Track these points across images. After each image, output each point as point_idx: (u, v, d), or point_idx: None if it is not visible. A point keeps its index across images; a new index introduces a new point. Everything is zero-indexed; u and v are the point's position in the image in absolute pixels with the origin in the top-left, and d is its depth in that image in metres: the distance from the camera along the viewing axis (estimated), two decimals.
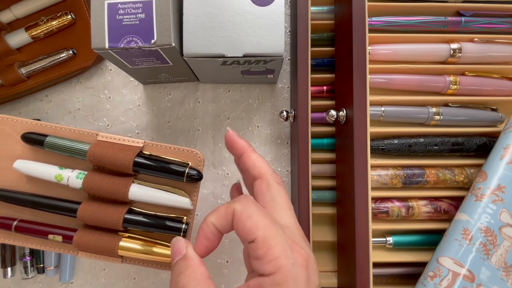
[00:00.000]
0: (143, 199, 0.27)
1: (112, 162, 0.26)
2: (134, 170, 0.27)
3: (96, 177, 0.27)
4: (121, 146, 0.27)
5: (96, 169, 0.28)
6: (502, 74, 0.34)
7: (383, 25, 0.33)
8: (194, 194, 0.28)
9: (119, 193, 0.27)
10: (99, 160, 0.27)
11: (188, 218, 0.28)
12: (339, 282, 0.32)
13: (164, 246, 0.27)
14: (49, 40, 0.38)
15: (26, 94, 0.39)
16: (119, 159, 0.26)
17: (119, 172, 0.27)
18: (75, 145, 0.27)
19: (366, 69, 0.27)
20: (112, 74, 0.40)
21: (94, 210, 0.26)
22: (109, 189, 0.26)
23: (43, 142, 0.27)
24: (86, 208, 0.27)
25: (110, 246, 0.27)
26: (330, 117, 0.30)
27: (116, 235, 0.27)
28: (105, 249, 0.27)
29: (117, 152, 0.27)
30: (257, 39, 0.28)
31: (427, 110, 0.33)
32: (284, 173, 0.39)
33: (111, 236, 0.27)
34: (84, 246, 0.27)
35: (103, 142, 0.27)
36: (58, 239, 0.27)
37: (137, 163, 0.27)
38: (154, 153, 0.28)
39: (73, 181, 0.27)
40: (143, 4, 0.27)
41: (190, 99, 0.39)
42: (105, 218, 0.26)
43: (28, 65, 0.37)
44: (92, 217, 0.26)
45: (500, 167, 0.28)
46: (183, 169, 0.27)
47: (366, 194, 0.27)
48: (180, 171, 0.27)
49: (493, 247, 0.27)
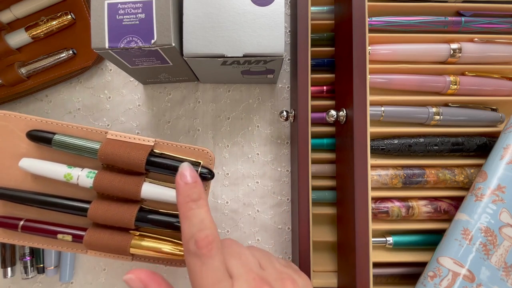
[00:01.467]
0: (154, 198, 0.27)
1: (124, 160, 0.26)
2: (146, 168, 0.27)
3: (107, 175, 0.27)
4: (132, 144, 0.27)
5: (106, 167, 0.28)
6: (502, 74, 0.34)
7: (383, 25, 0.33)
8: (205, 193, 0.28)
9: (131, 191, 0.26)
10: (110, 159, 0.26)
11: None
12: (339, 282, 0.32)
13: (175, 243, 0.27)
14: (49, 40, 0.38)
15: (26, 94, 0.39)
16: (131, 157, 0.26)
17: (130, 170, 0.27)
18: (86, 143, 0.27)
19: (366, 69, 0.27)
20: (112, 74, 0.40)
21: (106, 209, 0.26)
22: (121, 187, 0.26)
23: (51, 140, 0.27)
24: (97, 207, 0.26)
25: (122, 245, 0.27)
26: (330, 117, 0.30)
27: (127, 233, 0.27)
28: (117, 247, 0.27)
29: (129, 150, 0.26)
30: (257, 39, 0.28)
31: (427, 110, 0.33)
32: (284, 173, 0.39)
33: (123, 235, 0.27)
34: (95, 245, 0.27)
35: (114, 141, 0.27)
36: (68, 238, 0.27)
37: (149, 161, 0.27)
38: (165, 152, 0.28)
39: (83, 180, 0.27)
40: (143, 4, 0.27)
41: (190, 99, 0.39)
42: (117, 217, 0.26)
43: (28, 65, 0.37)
44: (103, 216, 0.26)
45: (500, 167, 0.28)
46: (195, 168, 0.27)
47: (366, 194, 0.27)
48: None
49: (493, 247, 0.27)
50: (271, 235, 0.38)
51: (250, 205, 0.38)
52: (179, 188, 0.22)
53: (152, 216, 0.27)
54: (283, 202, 0.38)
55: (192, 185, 0.22)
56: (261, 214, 0.38)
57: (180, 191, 0.22)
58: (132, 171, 0.27)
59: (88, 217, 0.27)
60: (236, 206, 0.38)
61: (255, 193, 0.38)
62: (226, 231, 0.38)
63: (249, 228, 0.38)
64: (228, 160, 0.39)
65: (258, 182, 0.39)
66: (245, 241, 0.38)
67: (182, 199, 0.22)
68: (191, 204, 0.21)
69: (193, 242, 0.20)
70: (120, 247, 0.27)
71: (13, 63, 0.37)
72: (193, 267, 0.20)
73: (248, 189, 0.38)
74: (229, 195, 0.39)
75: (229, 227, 0.38)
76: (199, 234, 0.20)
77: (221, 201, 0.38)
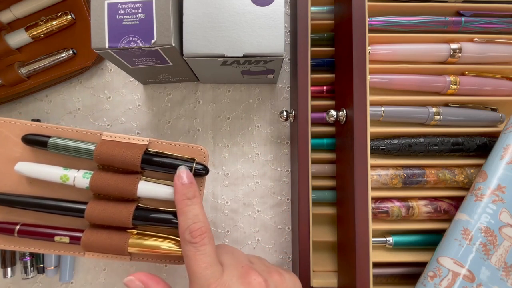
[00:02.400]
0: (151, 195, 0.27)
1: (119, 160, 0.27)
2: (141, 167, 0.27)
3: (103, 175, 0.27)
4: (127, 144, 0.27)
5: (101, 168, 0.28)
6: (502, 74, 0.34)
7: (383, 25, 0.33)
8: (200, 189, 0.29)
9: (128, 190, 0.27)
10: (106, 159, 0.27)
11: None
12: (339, 282, 0.32)
13: (174, 240, 0.28)
14: (49, 40, 0.38)
15: (26, 94, 0.39)
16: (127, 157, 0.27)
17: (126, 170, 0.27)
18: (81, 145, 0.27)
19: (366, 69, 0.27)
20: (112, 74, 0.40)
21: (103, 209, 0.27)
22: (117, 187, 0.27)
23: (47, 143, 0.27)
24: (94, 207, 0.27)
25: (120, 244, 0.27)
26: (330, 117, 0.30)
27: (125, 232, 0.27)
28: (115, 247, 0.27)
29: (124, 150, 0.27)
30: (257, 39, 0.28)
31: (427, 110, 0.33)
32: (284, 173, 0.39)
33: (121, 234, 0.27)
34: (93, 245, 0.27)
35: (108, 141, 0.28)
36: (65, 240, 0.27)
37: (144, 160, 0.27)
38: (159, 150, 0.28)
39: (79, 181, 0.27)
40: (143, 4, 0.27)
41: (190, 99, 0.39)
42: (114, 216, 0.27)
43: (28, 65, 0.37)
44: (100, 216, 0.26)
45: (500, 167, 0.28)
46: (190, 165, 0.27)
47: (366, 194, 0.27)
48: (187, 167, 0.27)
49: (493, 247, 0.27)
50: (271, 235, 0.38)
51: (250, 205, 0.38)
52: (177, 188, 0.25)
53: (150, 214, 0.27)
54: (283, 202, 0.38)
55: (188, 185, 0.25)
56: (261, 214, 0.38)
57: (178, 190, 0.25)
58: (128, 170, 0.27)
59: (85, 218, 0.27)
60: (236, 206, 0.38)
61: (255, 193, 0.38)
62: (226, 231, 0.38)
63: (249, 228, 0.38)
64: (228, 160, 0.39)
65: (258, 182, 0.39)
66: (245, 241, 0.38)
67: (179, 197, 0.25)
68: (186, 201, 0.25)
69: (188, 232, 0.23)
70: (118, 247, 0.27)
71: (13, 63, 0.37)
72: (188, 254, 0.23)
73: (248, 189, 0.38)
74: (229, 195, 0.39)
75: (229, 227, 0.38)
76: (194, 226, 0.24)
77: (221, 201, 0.38)
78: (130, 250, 0.27)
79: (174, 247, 0.27)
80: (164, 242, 0.27)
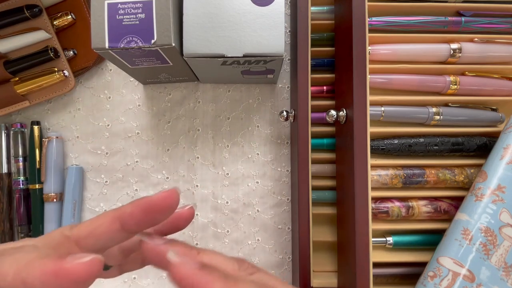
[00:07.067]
0: (12, 46, 0.36)
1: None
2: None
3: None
4: None
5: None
6: (502, 74, 0.34)
7: (383, 25, 0.33)
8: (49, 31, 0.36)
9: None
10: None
11: (51, 46, 0.37)
12: (339, 282, 0.32)
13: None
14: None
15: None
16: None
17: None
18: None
19: (366, 69, 0.27)
20: (112, 74, 0.40)
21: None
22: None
23: None
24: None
25: (9, 90, 0.35)
26: (330, 117, 0.30)
27: (9, 82, 0.35)
28: (8, 98, 0.35)
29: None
30: (257, 39, 0.28)
31: (427, 110, 0.33)
32: (284, 173, 0.39)
33: (5, 86, 0.36)
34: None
35: None
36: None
37: None
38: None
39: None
40: (143, 4, 0.27)
41: (190, 99, 0.39)
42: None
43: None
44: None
45: (500, 167, 0.28)
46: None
47: (366, 194, 0.27)
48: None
49: (493, 247, 0.27)
50: (271, 235, 0.38)
51: (250, 205, 0.38)
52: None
53: (18, 61, 0.36)
54: (283, 202, 0.38)
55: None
56: (261, 214, 0.38)
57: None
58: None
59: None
60: (236, 206, 0.38)
61: (255, 193, 0.38)
62: (226, 231, 0.38)
63: (249, 228, 0.38)
64: (228, 160, 0.39)
65: (258, 182, 0.39)
66: (245, 241, 0.38)
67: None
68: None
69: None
70: (9, 95, 0.35)
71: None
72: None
73: (248, 189, 0.39)
74: (229, 195, 0.39)
75: (229, 227, 0.38)
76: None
77: (221, 201, 0.38)
78: (20, 92, 0.35)
79: (55, 76, 0.36)
80: (43, 80, 0.36)
